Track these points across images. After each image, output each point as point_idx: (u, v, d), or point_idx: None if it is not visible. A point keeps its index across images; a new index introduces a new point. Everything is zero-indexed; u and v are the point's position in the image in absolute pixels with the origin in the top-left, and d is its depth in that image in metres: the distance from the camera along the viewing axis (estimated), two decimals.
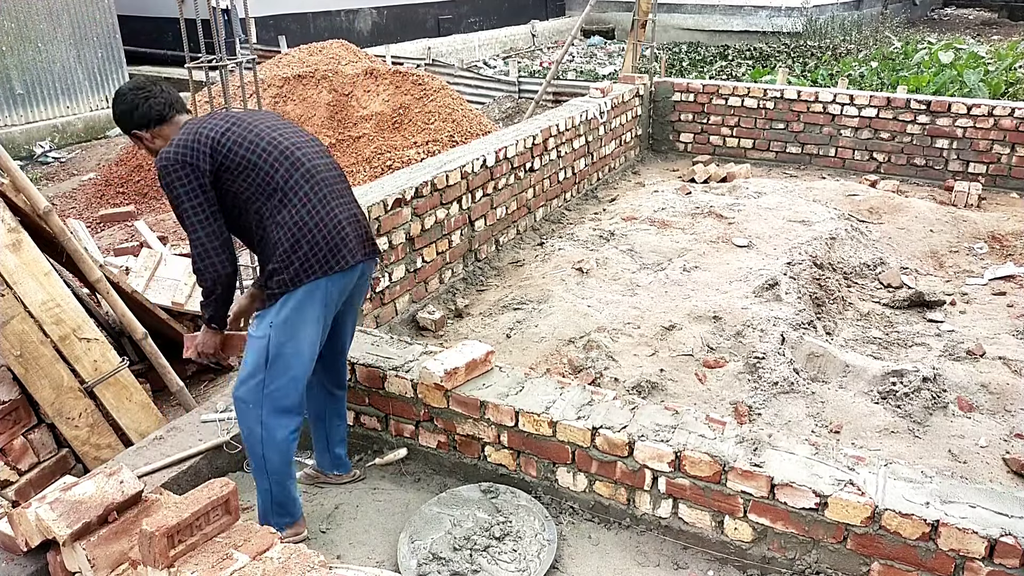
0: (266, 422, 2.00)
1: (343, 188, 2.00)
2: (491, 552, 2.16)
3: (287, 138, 1.95)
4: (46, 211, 2.75)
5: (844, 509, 1.93)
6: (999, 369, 3.11)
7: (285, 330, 1.93)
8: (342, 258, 1.91)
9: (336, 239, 1.90)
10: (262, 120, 1.98)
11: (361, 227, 2.01)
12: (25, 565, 1.92)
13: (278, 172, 1.88)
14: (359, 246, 1.98)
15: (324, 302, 1.94)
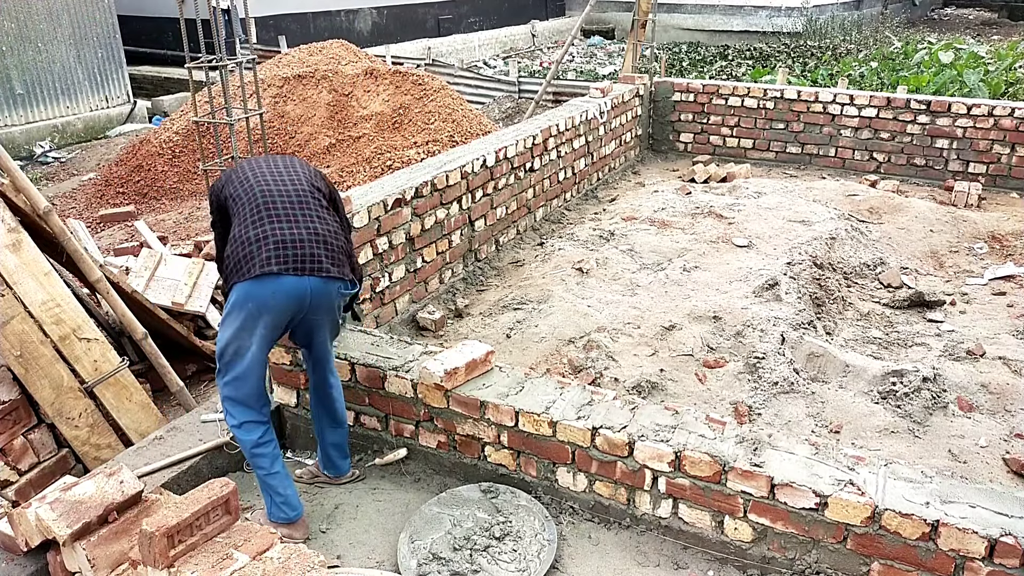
0: (234, 424, 2.16)
1: (293, 212, 2.12)
2: (491, 552, 2.16)
3: (257, 168, 2.21)
4: (46, 211, 2.75)
5: (844, 509, 1.93)
6: (999, 369, 3.11)
7: (223, 327, 2.12)
8: (253, 267, 2.04)
9: (252, 251, 2.06)
10: (260, 160, 2.26)
11: (298, 247, 2.08)
12: (25, 565, 1.92)
13: (240, 201, 2.16)
14: (283, 260, 2.05)
15: (247, 307, 2.06)
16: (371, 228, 3.34)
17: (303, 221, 2.11)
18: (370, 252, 3.37)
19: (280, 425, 2.71)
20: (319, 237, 2.10)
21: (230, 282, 2.08)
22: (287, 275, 2.03)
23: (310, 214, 2.13)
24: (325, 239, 2.11)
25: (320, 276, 2.08)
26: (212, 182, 2.27)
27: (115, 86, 8.46)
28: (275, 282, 2.04)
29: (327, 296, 2.13)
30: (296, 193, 2.15)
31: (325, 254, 2.09)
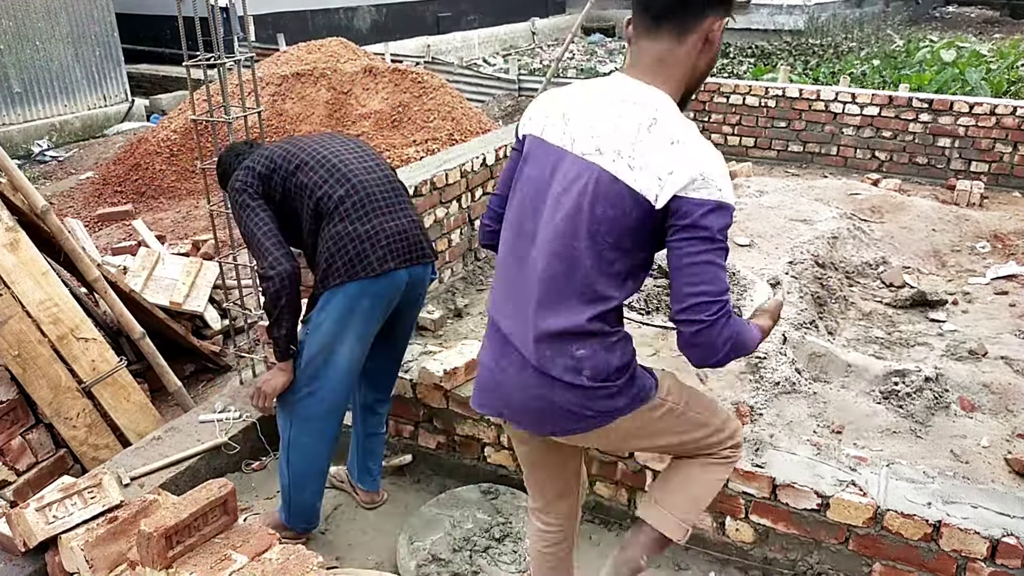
0: (295, 424, 2.02)
1: (392, 201, 2.01)
2: (491, 553, 2.15)
3: (336, 155, 2.01)
4: (44, 210, 2.73)
5: (846, 510, 1.92)
6: (1001, 369, 3.10)
7: (319, 334, 1.94)
8: (369, 265, 1.91)
9: (367, 248, 1.92)
10: (316, 141, 2.07)
11: (406, 238, 1.99)
12: (23, 565, 1.91)
13: (322, 189, 1.94)
14: (398, 254, 1.96)
15: (354, 308, 1.93)
16: None
17: (401, 210, 2.01)
18: None
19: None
20: (415, 224, 2.03)
21: (335, 281, 1.90)
22: (398, 270, 1.94)
23: (402, 201, 2.03)
24: (420, 225, 2.05)
25: (423, 263, 2.02)
26: (239, 169, 2.00)
27: (113, 84, 8.44)
28: (389, 279, 1.93)
29: (423, 283, 2.08)
30: (387, 180, 2.02)
31: (424, 238, 2.04)
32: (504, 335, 1.42)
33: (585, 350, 1.33)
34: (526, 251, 1.37)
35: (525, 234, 1.38)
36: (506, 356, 1.41)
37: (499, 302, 1.45)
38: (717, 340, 1.27)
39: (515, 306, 1.39)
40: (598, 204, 1.29)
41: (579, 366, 1.34)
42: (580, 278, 1.32)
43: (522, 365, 1.38)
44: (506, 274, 1.43)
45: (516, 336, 1.39)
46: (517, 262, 1.40)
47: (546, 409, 1.37)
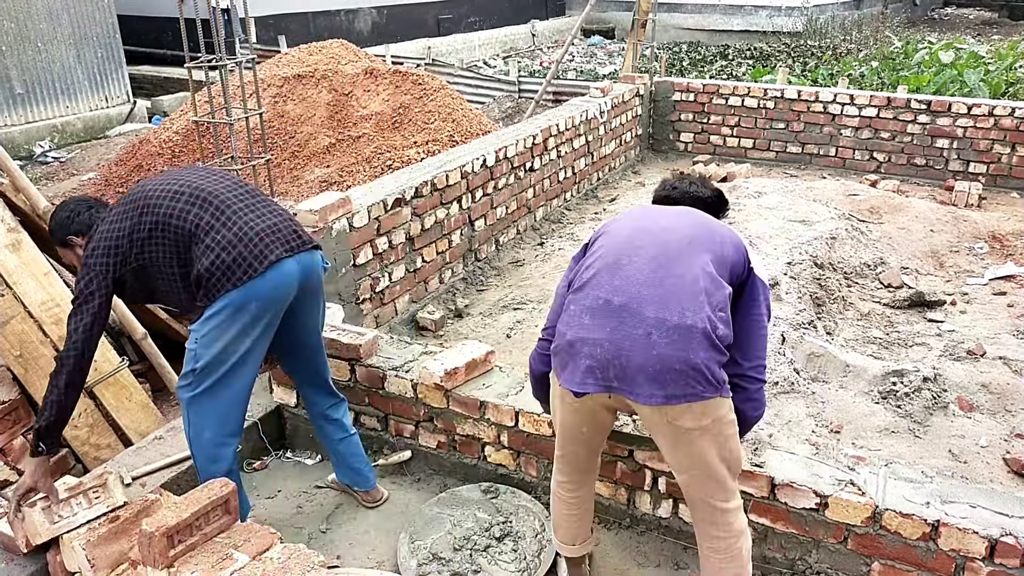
0: (192, 424, 1.98)
1: (251, 203, 1.98)
2: (491, 552, 2.15)
3: (178, 181, 1.99)
4: (46, 211, 2.74)
5: (844, 509, 1.93)
6: (999, 369, 3.11)
7: (207, 343, 1.90)
8: (249, 266, 1.88)
9: (241, 251, 1.88)
10: (159, 182, 2.02)
11: (278, 230, 1.96)
12: (25, 565, 1.92)
13: (174, 216, 1.91)
14: (277, 246, 1.93)
15: (242, 313, 1.89)
16: (371, 228, 3.34)
17: (264, 208, 1.99)
18: (370, 252, 3.36)
19: (280, 425, 2.71)
20: (287, 217, 2.01)
21: (219, 292, 1.86)
22: (283, 260, 1.91)
23: (265, 201, 2.02)
24: (291, 217, 2.03)
25: (307, 250, 1.98)
26: (95, 245, 1.91)
27: (115, 86, 8.45)
28: (277, 271, 1.90)
29: (315, 271, 2.04)
30: (240, 186, 2.01)
31: (300, 228, 2.02)
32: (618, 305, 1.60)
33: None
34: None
35: None
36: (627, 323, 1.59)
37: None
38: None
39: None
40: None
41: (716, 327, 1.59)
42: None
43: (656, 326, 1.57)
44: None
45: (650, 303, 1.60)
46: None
47: (677, 369, 1.56)
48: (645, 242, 1.69)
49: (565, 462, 1.89)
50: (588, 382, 1.63)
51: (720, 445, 1.65)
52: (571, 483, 1.91)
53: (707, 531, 1.76)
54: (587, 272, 1.71)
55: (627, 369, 1.58)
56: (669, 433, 1.65)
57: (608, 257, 1.69)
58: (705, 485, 1.70)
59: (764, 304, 1.75)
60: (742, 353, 1.71)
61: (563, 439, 1.85)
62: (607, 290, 1.63)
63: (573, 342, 1.64)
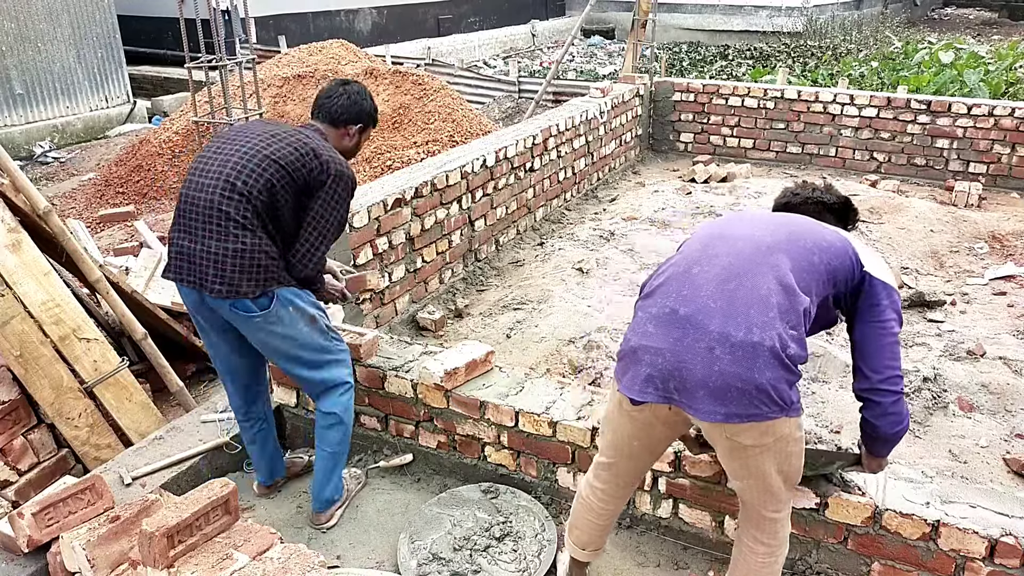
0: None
1: (201, 223, 1.98)
2: (491, 552, 2.15)
3: (205, 158, 2.07)
4: (46, 211, 2.74)
5: (845, 509, 1.93)
6: (999, 369, 3.11)
7: None
8: (168, 268, 2.06)
9: (168, 252, 2.07)
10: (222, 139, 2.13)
11: (190, 260, 1.98)
12: (25, 565, 1.92)
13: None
14: (175, 270, 2.03)
15: (189, 307, 2.11)
16: (371, 228, 3.34)
17: (200, 235, 1.97)
18: (370, 252, 3.37)
19: (280, 425, 2.71)
20: (209, 255, 1.96)
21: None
22: (183, 284, 2.02)
23: (209, 229, 1.97)
24: (215, 258, 1.95)
25: (207, 294, 1.98)
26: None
27: (115, 86, 8.45)
28: (180, 288, 2.06)
29: (224, 311, 2.01)
30: (204, 201, 1.98)
31: (213, 273, 1.95)
32: (685, 316, 1.54)
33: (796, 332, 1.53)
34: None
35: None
36: (690, 334, 1.52)
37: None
38: None
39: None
40: None
41: (785, 345, 1.49)
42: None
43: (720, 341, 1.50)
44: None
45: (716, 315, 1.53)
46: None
47: (739, 388, 1.48)
48: (720, 250, 1.61)
49: (608, 471, 1.82)
50: (648, 391, 1.57)
51: (780, 461, 1.60)
52: (607, 494, 1.84)
53: (751, 533, 1.72)
54: (658, 278, 1.66)
55: (687, 382, 1.52)
56: (727, 446, 1.60)
57: (680, 264, 1.64)
58: (758, 495, 1.66)
59: (889, 308, 1.64)
60: (868, 364, 1.62)
61: (612, 447, 1.78)
62: (674, 299, 1.58)
63: (636, 349, 1.59)
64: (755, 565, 1.73)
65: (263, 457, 2.39)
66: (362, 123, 2.20)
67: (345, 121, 2.17)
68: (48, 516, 1.84)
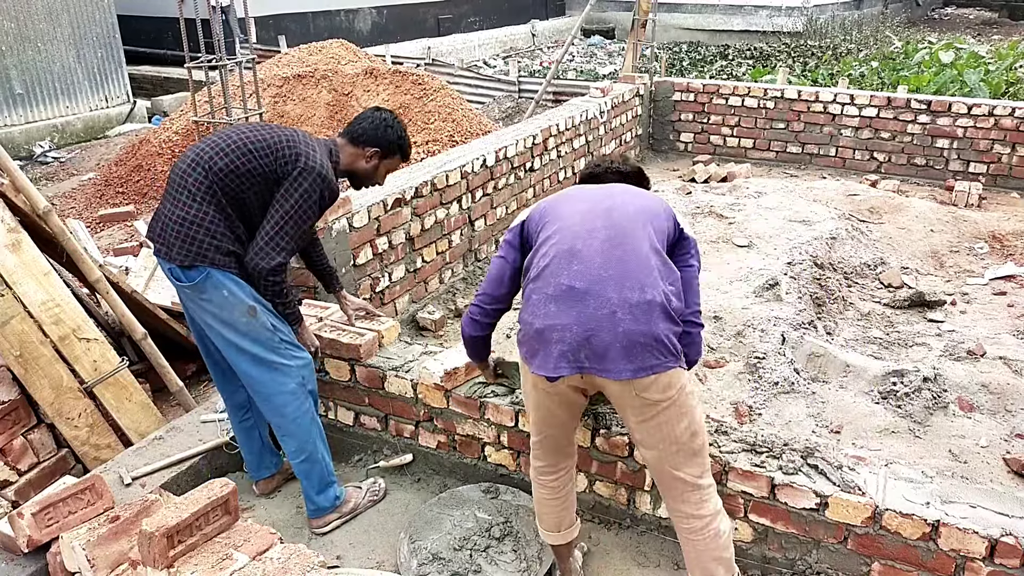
0: None
1: (176, 190, 2.05)
2: (491, 552, 2.15)
3: (187, 152, 2.12)
4: (45, 211, 2.74)
5: (844, 509, 1.93)
6: (1000, 369, 3.11)
7: None
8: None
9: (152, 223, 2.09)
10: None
11: (159, 222, 2.06)
12: (25, 565, 1.92)
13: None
14: (151, 232, 2.08)
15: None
16: (371, 228, 3.34)
17: (175, 200, 2.02)
18: (370, 252, 3.37)
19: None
20: (160, 218, 2.05)
21: None
22: (160, 256, 2.07)
23: (186, 192, 2.01)
24: (167, 221, 2.01)
25: (158, 255, 2.06)
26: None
27: (115, 86, 8.45)
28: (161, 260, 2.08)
29: (172, 277, 2.06)
30: (178, 172, 2.06)
31: (160, 233, 2.03)
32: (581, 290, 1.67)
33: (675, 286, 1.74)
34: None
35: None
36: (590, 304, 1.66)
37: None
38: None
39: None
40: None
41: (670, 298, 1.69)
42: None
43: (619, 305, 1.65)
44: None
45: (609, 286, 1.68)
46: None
47: (642, 343, 1.64)
48: (596, 224, 1.75)
49: (543, 447, 1.94)
50: (562, 366, 1.68)
51: (686, 416, 1.73)
52: (549, 467, 1.95)
53: (683, 511, 1.78)
54: (543, 259, 1.75)
55: (596, 348, 1.65)
56: (638, 406, 1.71)
57: (563, 244, 1.74)
58: (675, 457, 1.75)
59: (695, 257, 1.89)
60: (683, 302, 1.80)
61: (539, 424, 1.90)
62: (568, 276, 1.69)
63: (542, 330, 1.69)
64: (701, 546, 1.77)
65: (250, 450, 2.38)
66: (381, 148, 2.20)
67: (364, 141, 2.18)
68: (48, 516, 1.85)
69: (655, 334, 1.64)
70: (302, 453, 2.21)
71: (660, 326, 1.65)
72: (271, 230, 2.01)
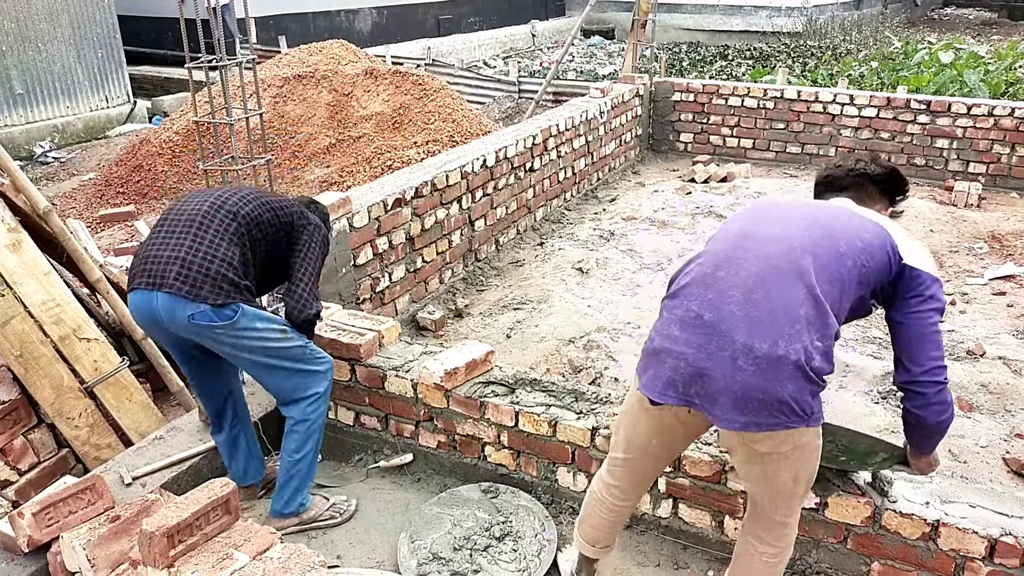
0: None
1: (180, 230, 2.04)
2: (491, 552, 2.16)
3: (187, 201, 2.15)
4: (46, 211, 2.75)
5: (844, 509, 1.93)
6: (999, 369, 3.11)
7: None
8: (131, 281, 2.06)
9: (134, 266, 2.07)
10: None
11: (157, 263, 2.00)
12: (25, 565, 1.92)
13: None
14: (139, 276, 2.02)
15: (140, 319, 2.08)
16: (371, 228, 3.34)
17: (174, 241, 2.02)
18: (370, 252, 3.37)
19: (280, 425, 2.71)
20: (177, 257, 1.99)
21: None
22: (139, 289, 2.01)
23: (185, 235, 2.02)
24: (184, 259, 1.98)
25: (164, 292, 1.97)
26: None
27: (115, 86, 8.45)
28: (133, 295, 2.03)
29: (178, 318, 1.99)
30: (189, 214, 2.05)
31: (176, 271, 1.97)
32: (711, 322, 1.50)
33: (821, 344, 1.48)
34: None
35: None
36: (713, 342, 1.49)
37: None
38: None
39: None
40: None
41: (811, 357, 1.45)
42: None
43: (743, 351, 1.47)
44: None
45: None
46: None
47: (760, 399, 1.46)
48: (749, 253, 1.54)
49: (625, 468, 1.79)
50: (668, 394, 1.55)
51: (796, 468, 1.58)
52: (622, 492, 1.81)
53: (757, 534, 1.71)
54: (685, 277, 1.60)
55: (708, 389, 1.50)
56: (744, 452, 1.58)
57: (708, 265, 1.57)
58: (771, 500, 1.65)
59: (929, 299, 1.57)
60: (908, 357, 1.57)
61: (629, 443, 1.74)
62: (699, 303, 1.53)
63: (659, 351, 1.56)
64: (759, 565, 1.72)
65: (235, 459, 2.39)
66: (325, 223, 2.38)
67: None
68: (48, 516, 1.85)
69: (779, 395, 1.44)
70: (301, 452, 2.23)
71: (787, 387, 1.44)
72: (308, 281, 2.16)
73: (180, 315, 1.98)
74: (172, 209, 2.13)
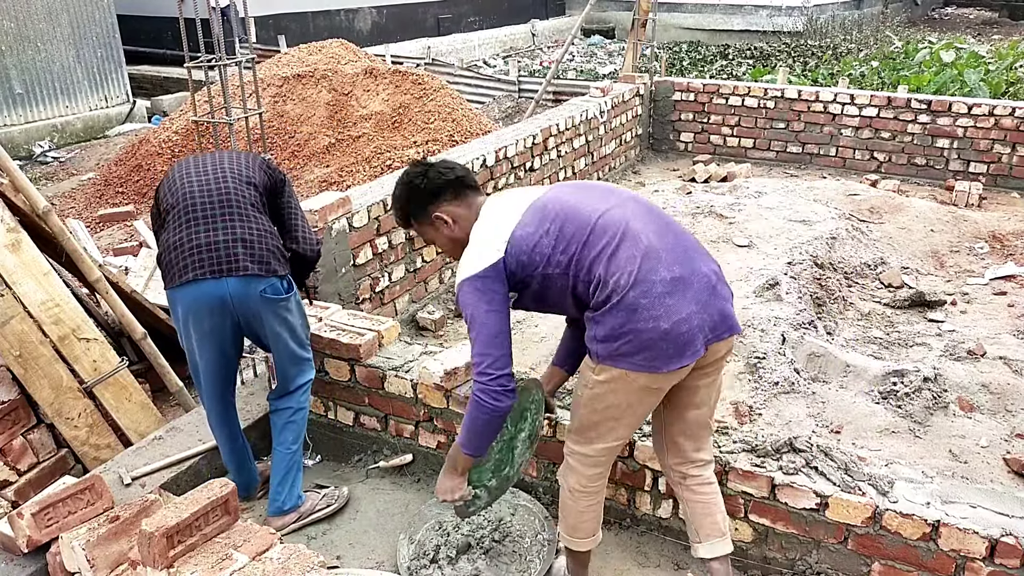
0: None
1: (214, 214, 2.06)
2: (491, 553, 2.15)
3: (184, 172, 2.17)
4: (45, 211, 2.74)
5: (845, 509, 1.93)
6: (1000, 369, 3.11)
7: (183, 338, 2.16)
8: (172, 275, 2.05)
9: (173, 258, 2.05)
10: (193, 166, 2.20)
11: (214, 249, 2.02)
12: (25, 565, 1.92)
13: (168, 206, 2.13)
14: (200, 265, 2.01)
15: (177, 314, 2.10)
16: (371, 228, 3.34)
17: (222, 223, 2.04)
18: (370, 252, 3.36)
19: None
20: (237, 239, 2.03)
21: (166, 288, 2.11)
22: (204, 280, 2.01)
23: (231, 215, 2.06)
24: (244, 239, 2.04)
25: (238, 275, 2.01)
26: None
27: (114, 86, 8.45)
28: (195, 288, 2.02)
29: (250, 297, 2.04)
30: (220, 193, 2.08)
31: (243, 252, 2.02)
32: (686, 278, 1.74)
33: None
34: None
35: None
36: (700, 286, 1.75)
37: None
38: None
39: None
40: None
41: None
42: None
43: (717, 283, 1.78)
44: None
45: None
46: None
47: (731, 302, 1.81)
48: (629, 213, 1.77)
49: (610, 454, 1.91)
50: (699, 349, 1.73)
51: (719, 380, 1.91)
52: (601, 475, 1.93)
53: (702, 458, 1.91)
54: (630, 264, 1.69)
55: (715, 316, 1.74)
56: (717, 365, 1.82)
57: (637, 245, 1.71)
58: (714, 406, 1.91)
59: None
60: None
61: (630, 429, 1.87)
62: (664, 269, 1.70)
63: (669, 330, 1.68)
64: (710, 498, 1.91)
65: (243, 470, 2.39)
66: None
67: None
68: (48, 516, 1.85)
69: (731, 298, 1.81)
70: (297, 443, 2.30)
71: (728, 291, 1.81)
72: (304, 220, 2.28)
73: (253, 292, 2.04)
74: (181, 191, 2.10)
